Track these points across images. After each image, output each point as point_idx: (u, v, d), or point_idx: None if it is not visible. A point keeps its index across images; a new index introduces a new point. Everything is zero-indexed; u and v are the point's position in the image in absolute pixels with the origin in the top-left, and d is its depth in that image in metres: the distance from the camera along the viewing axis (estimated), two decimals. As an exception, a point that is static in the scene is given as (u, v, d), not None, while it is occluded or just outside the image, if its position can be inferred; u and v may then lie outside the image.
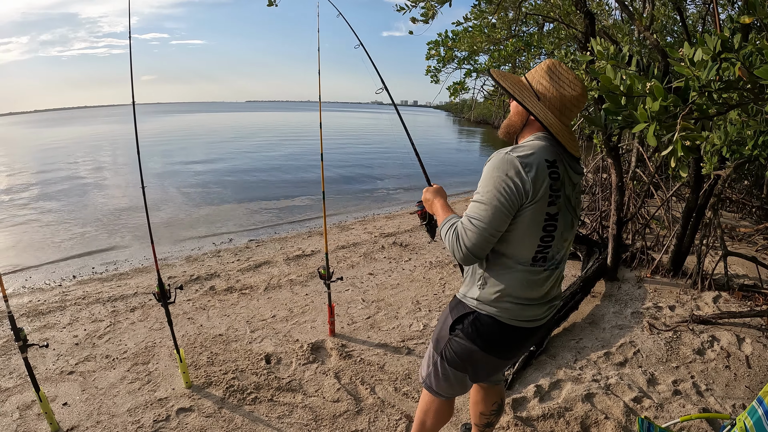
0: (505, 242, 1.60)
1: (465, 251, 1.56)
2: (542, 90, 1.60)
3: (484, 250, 1.58)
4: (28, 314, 4.42)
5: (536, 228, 1.56)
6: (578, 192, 1.71)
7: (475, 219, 1.54)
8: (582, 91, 1.59)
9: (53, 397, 3.06)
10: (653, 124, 1.55)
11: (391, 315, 4.30)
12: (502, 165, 1.52)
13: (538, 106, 1.59)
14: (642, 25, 3.58)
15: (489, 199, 1.52)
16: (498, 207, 1.51)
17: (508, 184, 1.49)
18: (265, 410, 2.91)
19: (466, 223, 1.57)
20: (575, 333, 3.88)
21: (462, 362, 1.81)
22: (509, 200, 1.50)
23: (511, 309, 1.67)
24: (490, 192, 1.52)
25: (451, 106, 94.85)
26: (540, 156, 1.53)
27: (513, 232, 1.57)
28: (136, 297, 4.84)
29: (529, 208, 1.52)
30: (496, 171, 1.52)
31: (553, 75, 1.60)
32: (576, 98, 1.58)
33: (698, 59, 1.54)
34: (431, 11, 4.17)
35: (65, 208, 9.97)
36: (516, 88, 1.64)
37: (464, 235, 1.56)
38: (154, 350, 3.68)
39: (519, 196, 1.50)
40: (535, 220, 1.55)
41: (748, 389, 3.13)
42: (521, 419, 2.81)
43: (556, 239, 1.62)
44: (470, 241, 1.55)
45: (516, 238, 1.58)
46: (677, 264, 5.00)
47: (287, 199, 10.91)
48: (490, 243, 1.57)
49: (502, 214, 1.52)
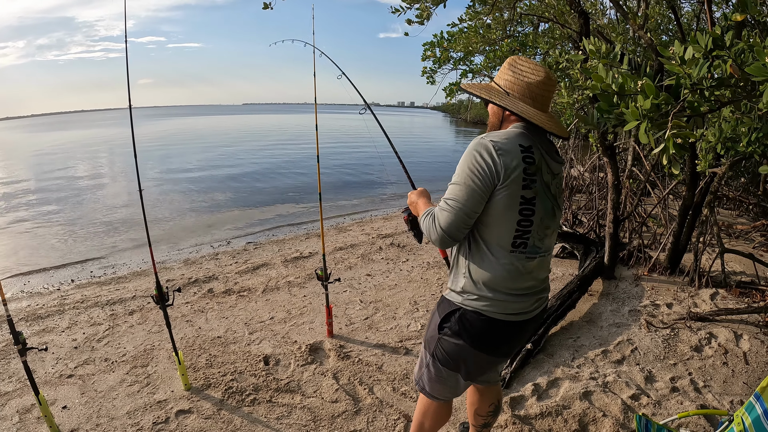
0: (483, 226, 1.64)
1: (440, 231, 1.62)
2: (508, 85, 1.68)
3: (460, 231, 1.62)
4: (27, 318, 4.42)
5: (512, 211, 1.59)
6: (559, 181, 1.75)
7: (450, 199, 1.60)
8: (545, 74, 1.66)
9: (53, 401, 3.06)
10: (644, 122, 1.56)
11: (388, 316, 4.31)
12: (475, 147, 1.58)
13: (507, 100, 1.66)
14: (636, 24, 3.59)
15: (462, 179, 1.58)
16: (471, 186, 1.56)
17: (480, 164, 1.54)
18: (264, 411, 2.92)
19: (442, 205, 1.63)
20: (573, 331, 3.89)
21: (453, 361, 1.81)
22: (482, 180, 1.54)
23: (497, 302, 1.67)
24: (464, 172, 1.57)
25: (447, 107, 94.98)
26: (514, 141, 1.58)
27: (489, 215, 1.60)
28: (134, 300, 4.84)
29: (503, 190, 1.56)
30: (469, 154, 1.58)
31: (514, 68, 1.68)
32: (542, 82, 1.65)
33: (689, 57, 1.55)
34: (426, 12, 4.19)
35: (63, 212, 9.98)
36: (484, 91, 1.71)
37: (439, 215, 1.62)
38: (153, 353, 3.68)
39: (491, 176, 1.54)
40: (510, 203, 1.58)
41: (745, 385, 3.14)
42: (519, 418, 2.82)
43: (536, 225, 1.64)
44: (445, 221, 1.60)
45: (493, 221, 1.61)
46: (674, 262, 5.02)
47: (285, 202, 10.92)
48: (465, 224, 1.61)
49: (476, 194, 1.56)
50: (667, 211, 6.28)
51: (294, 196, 11.51)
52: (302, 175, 14.98)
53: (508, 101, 1.65)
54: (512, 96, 1.66)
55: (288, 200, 11.07)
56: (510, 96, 1.66)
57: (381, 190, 12.58)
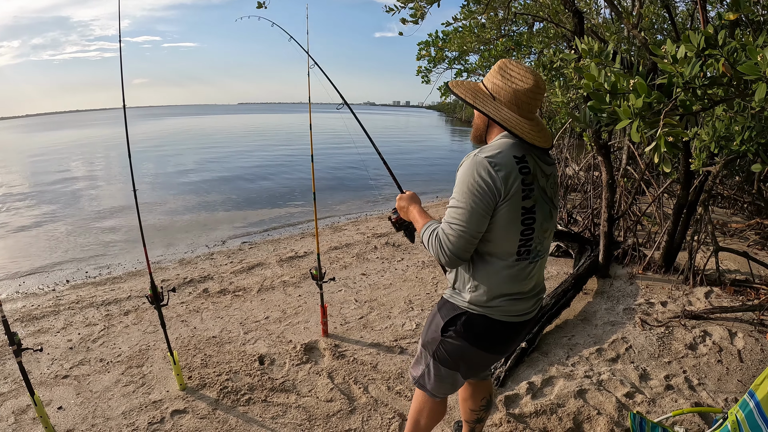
0: (487, 242, 1.63)
1: (450, 255, 1.60)
2: (496, 89, 1.64)
3: (467, 252, 1.62)
4: (22, 319, 4.41)
5: (515, 223, 1.59)
6: (553, 182, 1.74)
7: (454, 224, 1.59)
8: (534, 82, 1.61)
9: (48, 401, 3.05)
10: (636, 120, 1.57)
11: (383, 315, 4.31)
12: (472, 167, 1.56)
13: (491, 105, 1.64)
14: (630, 23, 3.60)
15: (465, 202, 1.56)
16: (474, 209, 1.55)
17: (480, 185, 1.53)
18: (259, 411, 2.92)
19: (447, 229, 1.61)
20: (567, 330, 3.90)
21: (454, 361, 1.83)
22: (484, 200, 1.54)
23: (502, 306, 1.69)
24: (465, 195, 1.56)
25: (443, 106, 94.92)
26: (507, 153, 1.57)
27: (493, 231, 1.60)
28: (129, 300, 4.83)
29: (504, 206, 1.56)
30: (467, 174, 1.56)
31: (504, 73, 1.64)
32: (530, 90, 1.61)
33: (681, 56, 1.56)
34: (420, 11, 4.19)
35: (58, 212, 9.93)
36: (470, 94, 1.69)
37: (446, 240, 1.60)
38: (148, 353, 3.67)
39: (492, 195, 1.54)
40: (512, 216, 1.58)
41: (740, 383, 3.16)
42: (514, 416, 2.82)
43: (536, 231, 1.65)
44: (453, 245, 1.59)
45: (497, 237, 1.61)
46: (669, 260, 5.04)
47: (280, 201, 10.90)
48: (472, 245, 1.61)
49: (479, 216, 1.56)
50: (662, 210, 6.30)
51: (288, 196, 11.49)
52: (296, 174, 14.95)
53: (492, 107, 1.63)
54: (498, 101, 1.64)
55: (282, 200, 11.05)
56: (496, 101, 1.64)
57: (376, 189, 12.56)
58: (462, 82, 1.76)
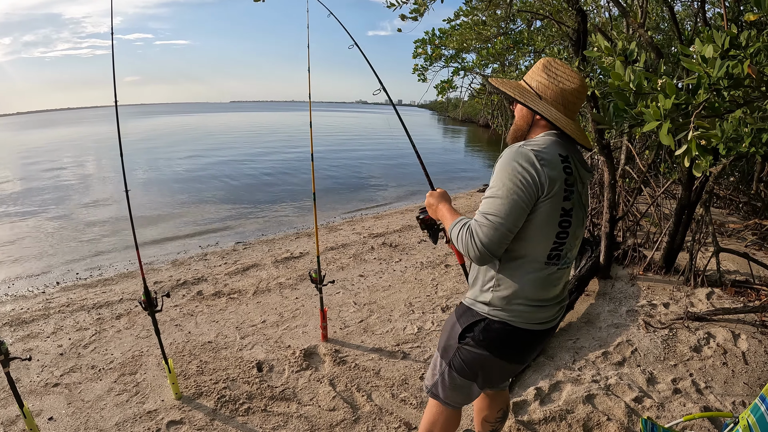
0: (520, 240, 1.55)
1: (481, 248, 1.49)
2: (542, 88, 1.59)
3: (500, 247, 1.52)
4: (11, 323, 4.27)
5: (552, 224, 1.52)
6: (587, 190, 1.69)
7: (491, 215, 1.48)
8: (580, 83, 1.58)
9: (38, 411, 2.93)
10: (666, 122, 1.50)
11: (384, 318, 4.23)
12: (516, 157, 1.47)
13: (542, 105, 1.58)
14: (636, 22, 3.54)
15: (505, 192, 1.47)
16: (515, 200, 1.46)
17: (524, 176, 1.45)
18: (258, 421, 2.82)
19: (481, 220, 1.50)
20: (572, 333, 3.84)
21: (471, 371, 1.75)
22: (526, 192, 1.45)
23: (524, 312, 1.61)
24: (506, 185, 1.47)
25: (435, 105, 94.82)
26: (554, 150, 1.51)
27: (529, 229, 1.52)
28: (121, 303, 4.70)
29: (546, 203, 1.48)
30: (510, 164, 1.47)
31: (550, 72, 1.59)
32: (576, 90, 1.57)
33: (709, 56, 1.49)
34: (423, 7, 4.10)
35: (48, 212, 9.74)
36: (517, 92, 1.62)
37: (479, 231, 1.49)
38: (142, 360, 3.56)
39: (536, 188, 1.45)
40: (551, 216, 1.51)
41: (746, 386, 3.12)
42: (523, 423, 2.75)
43: (570, 236, 1.58)
44: (486, 237, 1.48)
45: (532, 235, 1.53)
46: (669, 261, 5.00)
47: (274, 201, 10.77)
48: (506, 239, 1.51)
49: (520, 208, 1.47)
50: (661, 210, 6.27)
51: (283, 195, 11.37)
52: (290, 174, 14.83)
53: (542, 106, 1.57)
54: (545, 100, 1.58)
55: (277, 199, 10.92)
56: (542, 100, 1.58)
57: (372, 188, 12.50)
58: (505, 80, 1.69)
